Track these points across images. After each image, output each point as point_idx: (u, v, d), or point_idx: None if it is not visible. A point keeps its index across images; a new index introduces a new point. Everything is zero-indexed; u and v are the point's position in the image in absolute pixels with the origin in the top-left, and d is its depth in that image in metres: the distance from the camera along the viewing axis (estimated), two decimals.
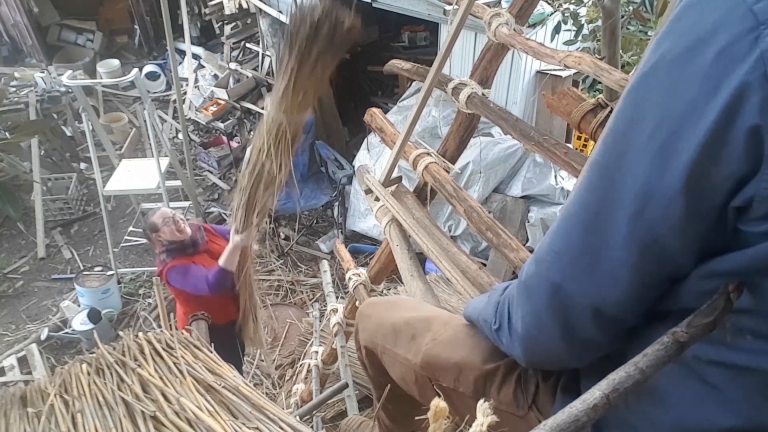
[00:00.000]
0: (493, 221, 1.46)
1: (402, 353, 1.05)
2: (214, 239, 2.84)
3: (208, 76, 5.93)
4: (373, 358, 1.19)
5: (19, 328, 4.15)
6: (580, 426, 0.46)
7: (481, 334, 0.92)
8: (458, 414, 0.93)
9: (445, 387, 0.94)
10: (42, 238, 4.77)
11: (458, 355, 0.92)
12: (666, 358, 0.49)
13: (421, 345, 1.01)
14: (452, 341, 0.97)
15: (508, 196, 4.09)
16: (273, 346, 3.94)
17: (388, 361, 1.11)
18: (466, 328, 1.01)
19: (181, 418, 1.03)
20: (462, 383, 0.90)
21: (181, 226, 2.63)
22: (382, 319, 1.15)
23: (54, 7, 6.84)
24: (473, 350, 0.90)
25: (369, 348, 1.18)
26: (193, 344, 1.30)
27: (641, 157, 0.51)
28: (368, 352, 1.20)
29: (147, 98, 3.98)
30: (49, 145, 5.33)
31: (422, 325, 1.05)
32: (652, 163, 0.50)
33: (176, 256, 2.63)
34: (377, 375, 1.22)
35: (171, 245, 2.63)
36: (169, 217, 2.62)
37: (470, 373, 0.88)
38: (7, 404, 1.22)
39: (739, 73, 0.44)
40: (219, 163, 5.53)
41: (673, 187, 0.48)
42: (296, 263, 4.61)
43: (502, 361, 0.85)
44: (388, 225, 1.71)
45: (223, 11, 5.75)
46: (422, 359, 0.99)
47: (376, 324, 1.16)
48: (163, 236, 2.61)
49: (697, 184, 0.48)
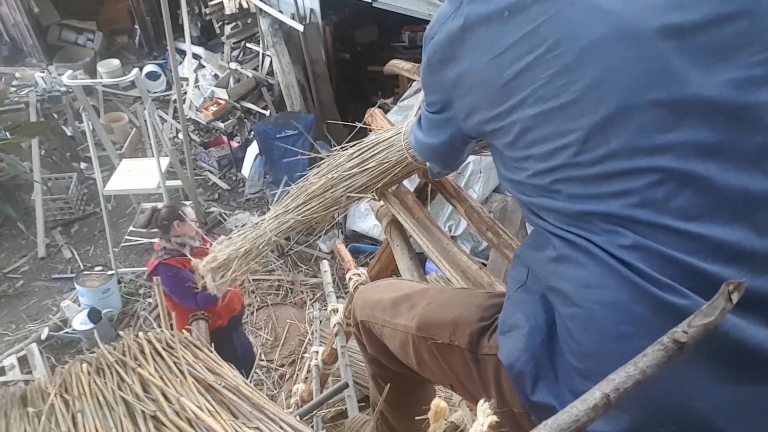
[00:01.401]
0: (493, 221, 1.46)
1: (401, 322, 1.11)
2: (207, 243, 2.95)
3: (209, 75, 5.93)
4: (369, 334, 1.25)
5: (20, 328, 4.15)
6: (580, 426, 0.46)
7: (475, 295, 1.04)
8: (451, 370, 1.01)
9: (440, 344, 1.00)
10: (42, 237, 4.77)
11: (454, 312, 1.00)
12: (666, 358, 0.49)
13: (418, 310, 1.08)
14: (448, 302, 1.05)
15: (508, 196, 4.08)
16: (273, 346, 3.95)
17: (388, 335, 1.17)
18: (461, 291, 1.12)
19: (182, 418, 1.03)
20: (458, 337, 0.96)
21: (194, 229, 2.83)
22: (382, 296, 1.21)
23: (54, 7, 6.84)
24: (468, 308, 0.99)
25: (367, 323, 1.24)
26: (194, 344, 1.30)
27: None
28: (365, 329, 1.26)
29: (147, 98, 3.98)
30: (49, 145, 5.33)
31: (420, 294, 1.14)
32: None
33: (175, 255, 2.69)
34: (374, 351, 1.27)
35: (173, 242, 2.73)
36: (194, 219, 2.84)
37: (466, 328, 0.95)
38: (7, 404, 1.22)
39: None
40: (219, 163, 5.53)
41: None
42: (296, 263, 4.61)
43: (496, 317, 0.91)
44: (388, 225, 1.71)
45: (223, 11, 5.76)
46: (418, 321, 1.06)
47: (376, 300, 1.22)
48: (180, 229, 2.74)
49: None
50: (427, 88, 0.96)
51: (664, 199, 0.65)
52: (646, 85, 0.66)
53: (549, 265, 0.76)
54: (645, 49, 0.67)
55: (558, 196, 0.73)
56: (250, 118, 5.60)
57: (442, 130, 0.99)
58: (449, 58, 0.83)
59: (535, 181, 0.76)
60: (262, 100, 5.52)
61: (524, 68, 0.72)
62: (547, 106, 0.71)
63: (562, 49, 0.70)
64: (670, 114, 0.65)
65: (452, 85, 0.85)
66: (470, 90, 0.82)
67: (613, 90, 0.68)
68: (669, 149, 0.65)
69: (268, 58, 5.49)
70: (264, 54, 5.58)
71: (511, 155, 0.79)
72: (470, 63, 0.80)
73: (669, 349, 0.49)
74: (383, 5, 4.29)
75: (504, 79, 0.74)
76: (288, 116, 4.98)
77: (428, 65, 0.89)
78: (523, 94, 0.73)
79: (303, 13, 5.07)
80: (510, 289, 0.89)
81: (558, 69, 0.70)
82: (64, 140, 5.56)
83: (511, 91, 0.74)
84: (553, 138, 0.72)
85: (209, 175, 5.53)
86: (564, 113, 0.70)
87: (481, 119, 0.82)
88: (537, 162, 0.74)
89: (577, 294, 0.70)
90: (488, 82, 0.77)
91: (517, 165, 0.79)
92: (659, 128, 0.66)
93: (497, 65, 0.75)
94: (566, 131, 0.70)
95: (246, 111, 5.52)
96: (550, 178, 0.73)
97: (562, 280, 0.73)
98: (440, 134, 1.00)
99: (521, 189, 0.80)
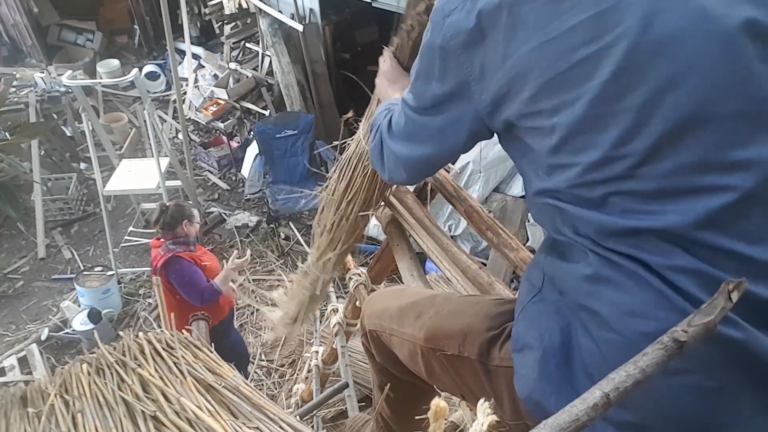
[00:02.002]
0: (493, 221, 1.46)
1: (409, 332, 1.08)
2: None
3: (208, 76, 5.93)
4: (378, 343, 1.22)
5: (20, 328, 4.15)
6: (580, 426, 0.46)
7: (482, 303, 0.99)
8: (461, 380, 0.98)
9: (449, 355, 0.96)
10: (42, 238, 4.77)
11: (462, 322, 0.96)
12: (666, 357, 0.49)
13: (425, 320, 1.04)
14: (454, 312, 1.01)
15: (508, 196, 4.08)
16: (273, 345, 3.94)
17: (396, 343, 1.14)
18: (468, 299, 1.07)
19: (182, 418, 1.03)
20: (467, 348, 0.92)
21: (198, 229, 2.89)
22: (390, 304, 1.19)
23: (54, 7, 6.83)
24: (476, 318, 0.94)
25: (375, 332, 1.21)
26: (194, 344, 1.30)
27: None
28: (373, 338, 1.23)
29: (147, 98, 3.97)
30: (49, 145, 5.32)
31: (426, 302, 1.10)
32: None
33: (183, 249, 2.73)
34: (383, 360, 1.25)
35: (179, 237, 2.77)
36: (198, 221, 2.89)
37: (475, 339, 0.91)
38: (7, 404, 1.22)
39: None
40: (219, 163, 5.53)
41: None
42: (296, 263, 4.60)
43: (505, 326, 0.88)
44: (388, 225, 1.71)
45: (222, 11, 5.75)
46: (426, 332, 1.02)
47: (383, 308, 1.19)
48: (186, 228, 2.77)
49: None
50: (428, 77, 0.79)
51: (732, 220, 0.59)
52: (728, 92, 0.58)
53: (582, 283, 0.68)
54: (729, 49, 0.58)
55: (609, 210, 0.64)
56: (250, 118, 5.60)
57: (435, 136, 0.83)
58: (476, 40, 0.69)
59: (580, 191, 0.66)
60: (261, 100, 5.52)
61: (582, 60, 0.61)
62: (607, 107, 0.61)
63: (632, 41, 0.59)
64: (748, 126, 0.58)
65: (478, 73, 0.71)
66: (505, 77, 0.68)
67: (690, 94, 0.58)
68: (747, 166, 0.58)
69: (268, 58, 5.49)
70: (263, 54, 5.58)
71: (550, 160, 0.68)
72: (507, 47, 0.67)
73: (669, 348, 0.49)
74: (383, 5, 4.29)
75: (553, 72, 0.63)
76: (288, 116, 4.97)
77: (441, 49, 0.74)
78: (577, 91, 0.62)
79: (302, 13, 5.06)
80: (523, 294, 0.82)
81: (625, 64, 0.59)
82: (63, 140, 5.56)
83: (562, 86, 0.63)
84: (611, 145, 0.62)
85: (209, 175, 5.53)
86: (627, 117, 0.60)
87: (517, 113, 0.69)
88: (586, 171, 0.64)
89: (619, 321, 0.63)
90: (531, 72, 0.65)
91: (555, 171, 0.68)
92: (737, 142, 0.58)
93: (545, 54, 0.63)
94: (628, 138, 0.61)
95: (246, 111, 5.52)
96: (602, 191, 0.64)
97: (599, 302, 0.65)
98: (429, 143, 0.84)
99: (555, 196, 0.69)
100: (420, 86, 0.82)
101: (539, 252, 0.81)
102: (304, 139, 4.81)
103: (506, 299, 1.00)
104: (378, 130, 0.96)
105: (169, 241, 2.75)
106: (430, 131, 0.83)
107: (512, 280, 3.63)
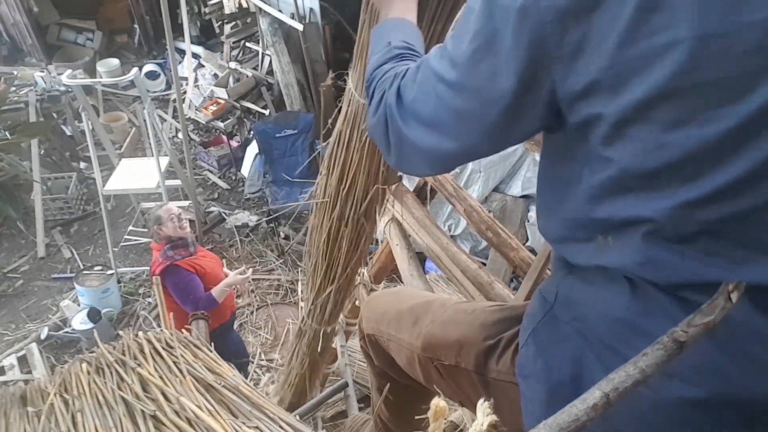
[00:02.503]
0: (492, 220, 1.46)
1: (406, 338, 1.06)
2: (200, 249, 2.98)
3: (208, 75, 5.92)
4: (376, 347, 1.21)
5: (19, 328, 4.14)
6: (580, 425, 0.46)
7: (478, 312, 0.96)
8: (460, 390, 0.96)
9: (446, 365, 0.95)
10: (42, 237, 4.76)
11: (458, 332, 0.94)
12: (666, 357, 0.49)
13: (422, 328, 1.03)
14: (451, 321, 0.99)
15: (507, 196, 4.09)
16: (273, 345, 3.95)
17: (394, 348, 1.12)
18: (463, 306, 1.03)
19: (181, 418, 1.03)
20: (463, 359, 0.91)
21: (184, 225, 2.76)
22: (387, 308, 1.17)
23: (54, 7, 6.83)
24: (472, 327, 0.92)
25: (373, 336, 1.20)
26: (193, 343, 1.30)
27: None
28: (371, 341, 1.22)
29: (147, 97, 3.97)
30: (48, 145, 5.32)
31: (422, 308, 1.08)
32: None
33: (182, 254, 2.70)
34: (381, 364, 1.24)
35: (173, 241, 2.72)
36: (174, 214, 2.75)
37: (471, 349, 0.90)
38: (7, 403, 1.22)
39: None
40: (219, 163, 5.53)
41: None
42: (296, 263, 4.60)
43: (502, 335, 0.87)
44: (388, 225, 1.71)
45: (222, 10, 5.75)
46: (423, 341, 1.01)
47: (381, 312, 1.18)
48: (165, 230, 2.71)
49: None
50: (485, 47, 0.57)
51: None
52: None
53: (614, 324, 0.58)
54: None
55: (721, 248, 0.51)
56: (250, 118, 5.60)
57: (481, 127, 0.61)
58: (584, 6, 0.50)
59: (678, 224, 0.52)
60: (261, 99, 5.52)
61: (747, 72, 0.46)
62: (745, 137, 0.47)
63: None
64: None
65: (570, 50, 0.52)
66: (617, 68, 0.50)
67: None
68: None
69: (268, 58, 5.48)
70: (263, 53, 5.58)
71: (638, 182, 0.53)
72: (633, 28, 0.48)
73: (668, 348, 0.49)
74: None
75: (702, 77, 0.47)
76: (287, 116, 4.98)
77: (521, 11, 0.53)
78: (720, 110, 0.47)
79: (302, 12, 5.06)
80: (536, 309, 0.73)
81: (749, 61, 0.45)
82: (63, 140, 5.55)
83: (704, 98, 0.48)
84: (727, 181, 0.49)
85: (209, 175, 5.52)
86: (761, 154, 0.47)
87: (614, 113, 0.52)
88: (681, 191, 0.50)
89: (655, 379, 0.51)
90: (664, 70, 0.48)
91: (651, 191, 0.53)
92: None
93: (699, 52, 0.46)
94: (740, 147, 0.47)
95: (245, 110, 5.52)
96: (716, 215, 0.50)
97: (632, 351, 0.52)
98: (469, 135, 0.62)
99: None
100: (467, 57, 0.59)
101: (558, 268, 0.69)
102: (304, 138, 4.81)
103: (503, 305, 0.98)
104: (382, 99, 0.70)
105: (166, 246, 2.73)
106: (473, 120, 0.62)
107: (512, 279, 3.63)
